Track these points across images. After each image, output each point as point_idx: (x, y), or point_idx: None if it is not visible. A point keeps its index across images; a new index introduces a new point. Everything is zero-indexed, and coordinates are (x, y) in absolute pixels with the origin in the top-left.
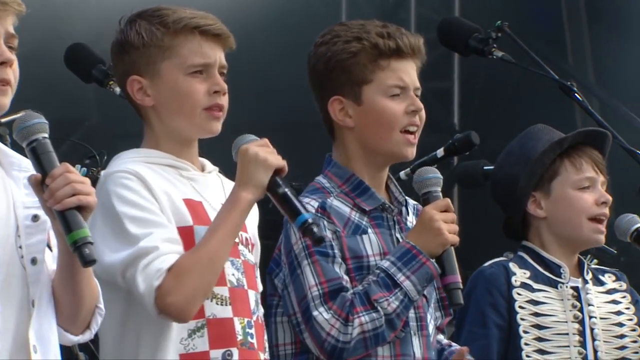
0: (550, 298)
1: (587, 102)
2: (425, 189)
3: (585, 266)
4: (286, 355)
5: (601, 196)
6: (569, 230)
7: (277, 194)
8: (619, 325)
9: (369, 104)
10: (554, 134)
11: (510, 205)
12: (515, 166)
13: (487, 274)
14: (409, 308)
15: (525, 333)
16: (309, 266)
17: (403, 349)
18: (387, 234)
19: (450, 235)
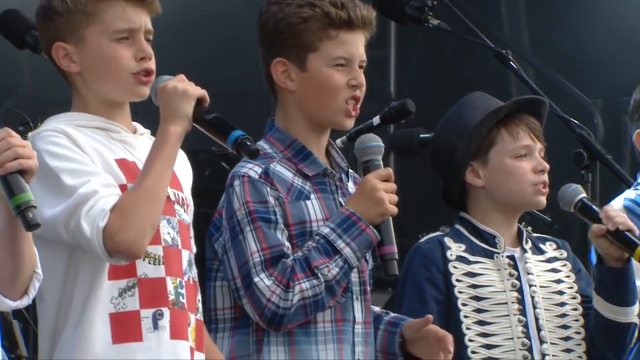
0: (487, 269)
1: (522, 70)
2: (367, 157)
3: (525, 235)
4: (225, 320)
5: (539, 164)
6: (509, 197)
7: (204, 121)
8: (559, 293)
9: (313, 72)
10: (491, 102)
11: (449, 175)
12: (453, 136)
13: (423, 250)
14: (348, 274)
15: (464, 306)
16: (251, 232)
17: (343, 313)
18: (330, 199)
19: (390, 205)
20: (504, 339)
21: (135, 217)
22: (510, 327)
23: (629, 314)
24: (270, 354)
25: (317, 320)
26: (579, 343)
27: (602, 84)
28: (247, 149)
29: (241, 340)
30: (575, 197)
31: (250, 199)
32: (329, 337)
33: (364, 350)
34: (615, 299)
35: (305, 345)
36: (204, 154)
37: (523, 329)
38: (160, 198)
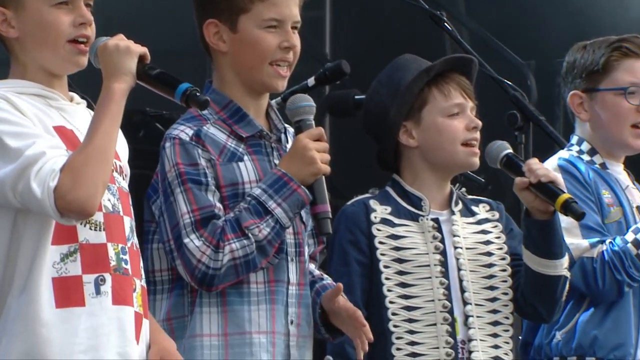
0: (411, 232)
1: (456, 32)
2: (298, 117)
3: (454, 197)
4: (162, 282)
5: (471, 121)
6: (442, 157)
7: (149, 76)
8: (488, 254)
9: (244, 33)
10: (421, 62)
11: (382, 136)
12: (385, 97)
13: (348, 213)
14: (280, 235)
15: (385, 268)
16: (182, 194)
17: (277, 274)
18: (265, 160)
19: (322, 164)
20: (425, 301)
21: (86, 176)
22: (431, 289)
23: (557, 267)
24: (202, 315)
25: (250, 281)
26: (506, 304)
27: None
28: (196, 100)
29: (177, 301)
30: (501, 153)
31: (181, 161)
32: (261, 298)
33: (297, 312)
34: (543, 252)
35: (238, 305)
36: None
37: (445, 291)
38: (109, 155)
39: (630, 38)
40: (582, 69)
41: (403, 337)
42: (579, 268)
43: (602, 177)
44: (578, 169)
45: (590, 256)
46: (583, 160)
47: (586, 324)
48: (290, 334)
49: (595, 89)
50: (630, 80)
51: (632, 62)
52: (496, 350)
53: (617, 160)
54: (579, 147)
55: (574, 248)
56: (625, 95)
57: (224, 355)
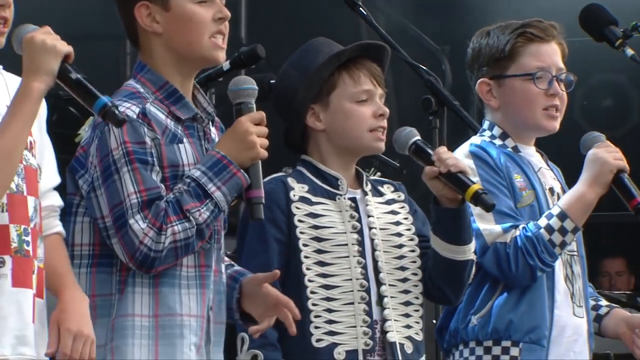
0: (329, 210)
1: (371, 16)
2: (240, 99)
3: (364, 177)
4: (82, 256)
5: (379, 108)
6: (347, 142)
7: (70, 80)
8: (398, 235)
9: (177, 9)
10: (333, 47)
11: (290, 118)
12: (295, 79)
13: (265, 190)
14: (217, 218)
15: (305, 246)
16: (129, 173)
17: (206, 259)
18: (198, 144)
19: (261, 149)
20: (343, 280)
21: None
22: (349, 268)
23: (466, 252)
24: (135, 295)
25: (182, 265)
26: (416, 284)
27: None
28: (114, 118)
29: (103, 279)
30: (410, 140)
31: (129, 139)
32: (192, 282)
33: (213, 298)
34: (453, 239)
35: (169, 288)
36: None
37: (362, 271)
38: (15, 159)
39: (533, 22)
40: (489, 56)
41: (321, 316)
42: (492, 253)
43: (514, 161)
44: (489, 154)
45: (504, 241)
46: (495, 145)
47: (501, 308)
48: (210, 320)
49: (503, 76)
50: (537, 64)
51: (537, 47)
52: (408, 330)
53: (528, 143)
54: (490, 132)
55: (487, 234)
56: (534, 81)
57: (155, 337)
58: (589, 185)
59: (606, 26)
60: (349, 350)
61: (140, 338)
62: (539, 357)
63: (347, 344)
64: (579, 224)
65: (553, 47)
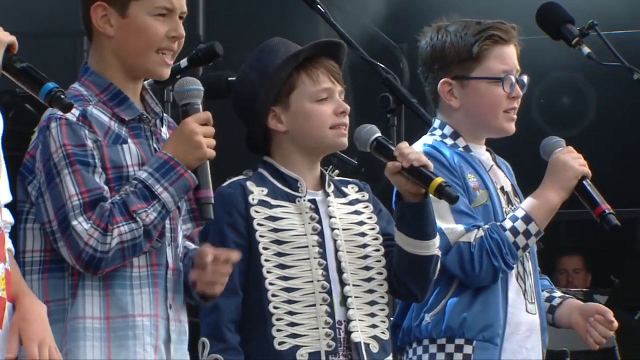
0: (289, 213)
1: (329, 13)
2: (186, 100)
3: (327, 178)
4: (33, 262)
5: (339, 106)
6: (310, 141)
7: (15, 69)
8: (362, 235)
9: (133, 19)
10: (290, 46)
11: (251, 120)
12: (254, 81)
13: (225, 194)
14: (165, 219)
15: (265, 250)
16: (69, 175)
17: (158, 258)
18: (146, 144)
19: (208, 149)
20: (304, 282)
21: None
22: (310, 270)
23: (430, 247)
24: (85, 298)
25: (133, 265)
26: (381, 283)
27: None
28: (60, 102)
29: (55, 284)
30: (371, 137)
31: (68, 142)
32: (144, 282)
33: (174, 296)
34: (416, 234)
35: (120, 289)
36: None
37: (323, 272)
38: None
39: (496, 24)
40: (453, 57)
41: (283, 319)
42: (455, 253)
43: (466, 161)
44: (443, 154)
45: (467, 241)
46: (447, 144)
47: (455, 306)
48: (170, 319)
49: (467, 77)
50: (502, 68)
51: (501, 49)
52: (374, 329)
53: (480, 143)
54: (441, 131)
55: (449, 233)
56: (502, 85)
57: (107, 338)
58: (553, 189)
59: (563, 24)
60: (311, 352)
61: (92, 340)
62: (492, 355)
63: (309, 345)
64: (542, 227)
65: (512, 49)
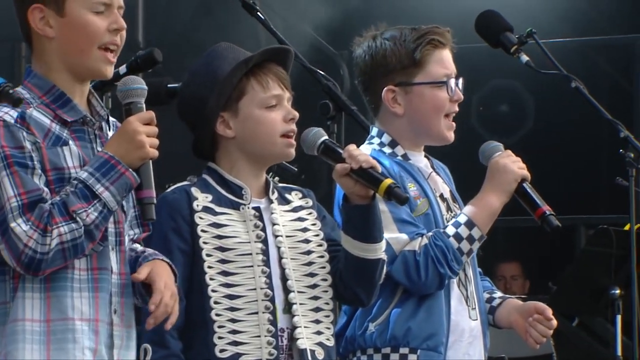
0: (233, 220)
1: (269, 20)
2: (129, 99)
3: (271, 185)
4: None
5: (288, 113)
6: (259, 148)
7: None
8: (306, 241)
9: (72, 16)
10: (238, 52)
11: (199, 126)
12: (202, 86)
13: (169, 200)
14: (107, 219)
15: (208, 256)
16: (8, 177)
17: (100, 262)
18: (89, 147)
19: (151, 149)
20: (247, 290)
21: None
22: (253, 277)
23: (377, 250)
24: (25, 300)
25: (74, 267)
26: (326, 290)
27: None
28: (10, 97)
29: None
30: (318, 140)
31: (6, 144)
32: (84, 285)
33: (120, 301)
34: (363, 236)
35: (61, 291)
36: None
37: (266, 280)
38: None
39: (433, 29)
40: (395, 63)
41: (225, 326)
42: (401, 262)
43: (405, 169)
44: (382, 163)
45: (412, 249)
46: (385, 153)
47: (399, 315)
48: (114, 323)
49: (411, 83)
50: (444, 72)
51: (440, 53)
52: (319, 336)
53: (418, 150)
54: (379, 140)
55: (394, 242)
56: (447, 88)
57: (46, 341)
58: (494, 193)
59: (502, 32)
60: None
61: (32, 343)
62: None
63: (250, 353)
64: (485, 232)
65: (449, 53)
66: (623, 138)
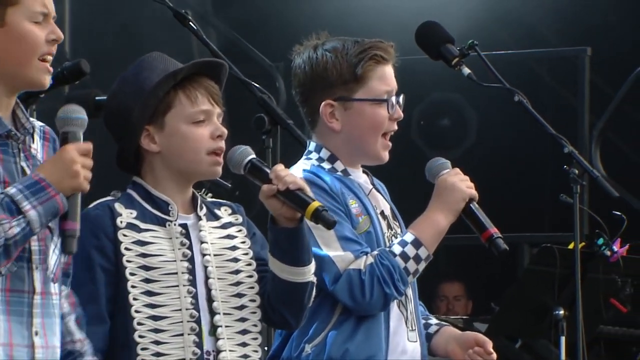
0: (158, 237)
1: (202, 32)
2: (68, 128)
3: (199, 201)
4: None
5: (217, 129)
6: (184, 165)
7: None
8: (234, 260)
9: (12, 27)
10: (169, 63)
11: (124, 138)
12: (129, 97)
13: (92, 216)
14: (27, 239)
15: (132, 275)
16: None
17: (14, 284)
18: (12, 162)
19: (84, 181)
20: (172, 310)
21: None
22: (179, 298)
23: (305, 274)
24: None
25: None
26: (254, 311)
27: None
28: None
29: None
30: (245, 159)
31: None
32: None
33: (42, 322)
34: (291, 260)
35: None
36: None
37: (192, 300)
38: None
39: (376, 44)
40: (336, 78)
41: (148, 348)
42: (345, 281)
43: (346, 185)
44: (323, 179)
45: (357, 268)
46: (324, 168)
47: (337, 336)
48: (36, 346)
49: (350, 99)
50: (385, 89)
51: (383, 70)
52: (245, 359)
53: (357, 166)
54: (318, 155)
55: (338, 260)
56: (388, 106)
57: None
58: (441, 212)
59: (443, 44)
60: None
61: None
62: None
63: None
64: (432, 251)
65: (391, 69)
66: (567, 154)
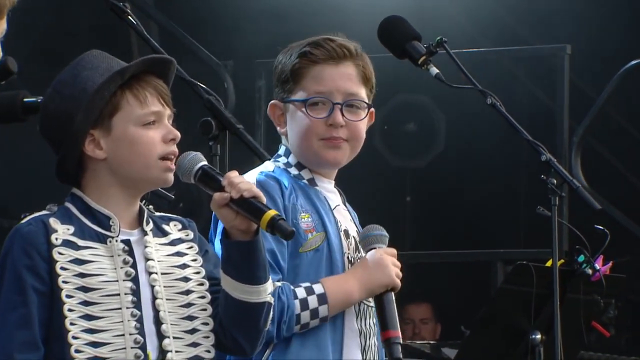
0: (98, 255)
1: (142, 26)
2: None
3: (145, 215)
4: None
5: (169, 132)
6: (133, 172)
7: None
8: (185, 280)
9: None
10: (112, 62)
11: (64, 145)
12: (69, 99)
13: (24, 233)
14: None
15: (69, 297)
16: None
17: None
18: None
19: None
20: (114, 336)
21: None
22: (122, 322)
23: (261, 293)
24: None
25: None
26: (207, 335)
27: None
28: None
29: None
30: (195, 166)
31: None
32: None
33: None
34: (245, 277)
35: None
36: None
37: (137, 324)
38: None
39: (320, 41)
40: (277, 77)
41: None
42: None
43: (307, 196)
44: (281, 185)
45: None
46: (290, 174)
47: None
48: None
49: (286, 100)
50: (316, 89)
51: (320, 69)
52: None
53: (327, 177)
54: (286, 159)
55: None
56: (305, 107)
57: None
58: (359, 286)
59: (408, 41)
60: None
61: None
62: None
63: None
64: (331, 315)
65: (342, 70)
66: (545, 162)
